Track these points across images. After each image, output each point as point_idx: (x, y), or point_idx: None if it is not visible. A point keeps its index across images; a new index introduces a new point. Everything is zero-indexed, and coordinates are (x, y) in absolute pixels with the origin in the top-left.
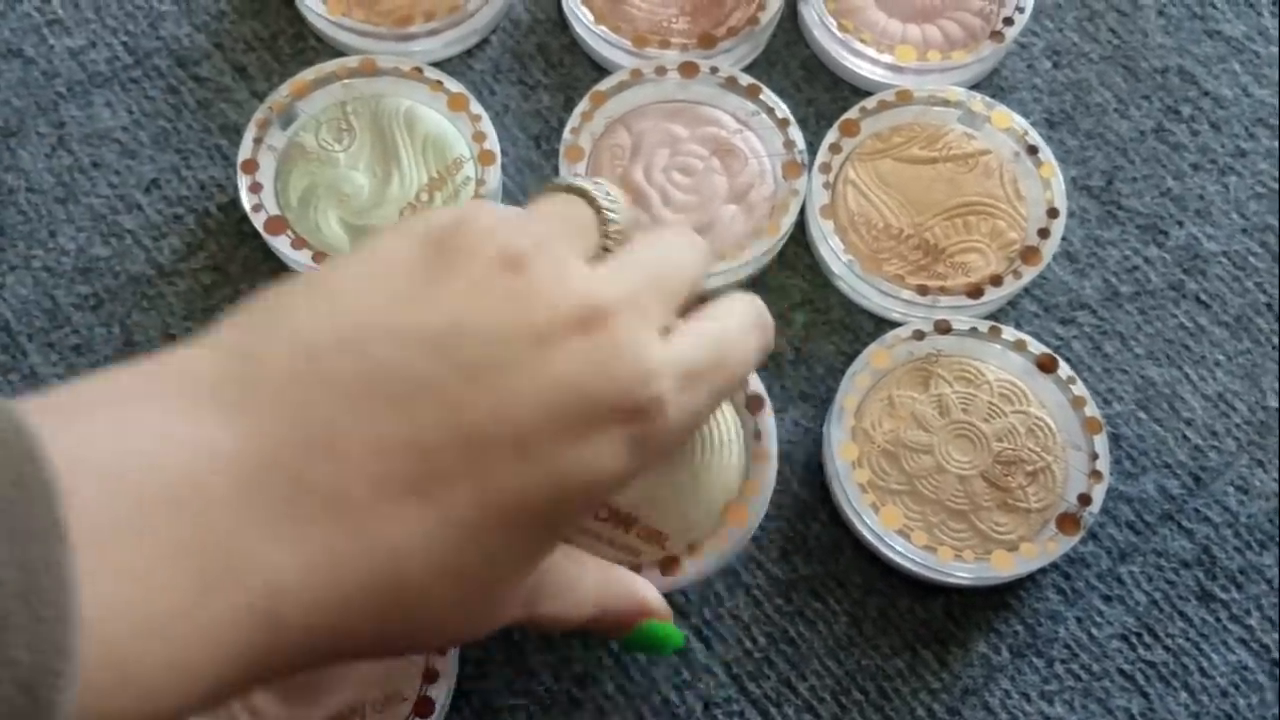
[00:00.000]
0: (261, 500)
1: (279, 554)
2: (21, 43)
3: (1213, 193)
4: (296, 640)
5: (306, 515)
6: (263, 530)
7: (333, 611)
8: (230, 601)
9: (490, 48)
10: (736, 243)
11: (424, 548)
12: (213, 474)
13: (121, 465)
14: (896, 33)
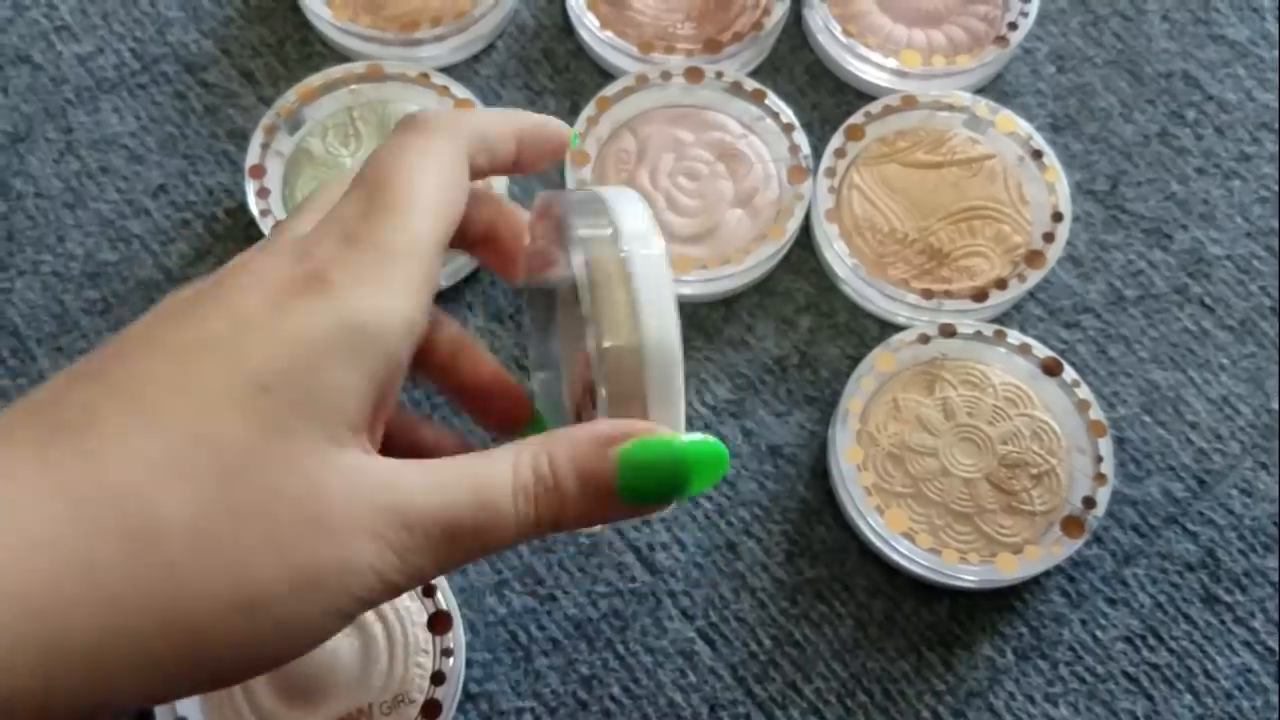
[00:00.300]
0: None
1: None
2: (30, 49)
3: (1217, 197)
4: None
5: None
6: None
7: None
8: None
9: (496, 53)
10: (742, 247)
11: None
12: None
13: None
14: (901, 38)
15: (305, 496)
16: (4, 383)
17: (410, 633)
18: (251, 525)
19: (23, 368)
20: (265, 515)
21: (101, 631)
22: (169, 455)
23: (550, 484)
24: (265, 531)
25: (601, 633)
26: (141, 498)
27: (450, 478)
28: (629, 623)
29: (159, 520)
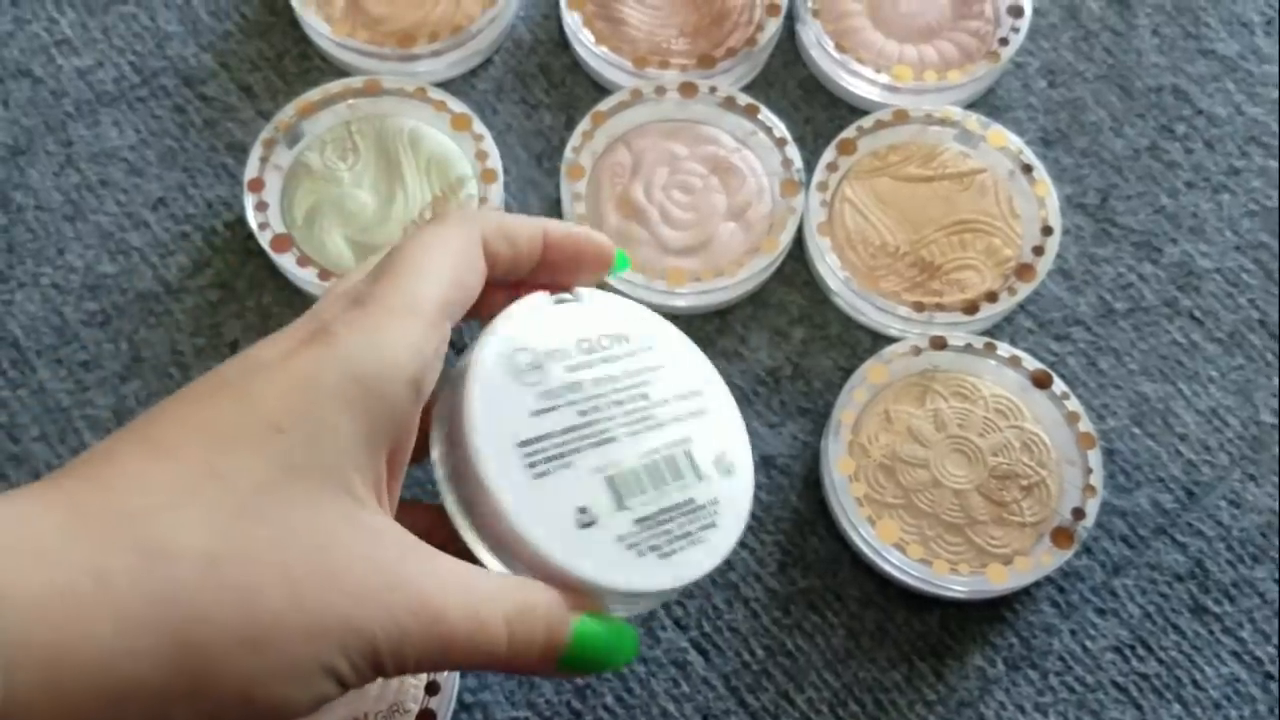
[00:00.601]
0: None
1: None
2: (30, 63)
3: (1206, 210)
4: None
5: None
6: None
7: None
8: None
9: (493, 68)
10: (735, 259)
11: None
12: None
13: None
14: (893, 53)
15: (324, 545)
16: (4, 394)
17: None
18: (265, 560)
19: (22, 379)
20: (280, 553)
21: (112, 647)
22: (183, 485)
23: (528, 633)
24: (279, 570)
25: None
26: (155, 521)
27: (469, 585)
28: None
29: (172, 542)
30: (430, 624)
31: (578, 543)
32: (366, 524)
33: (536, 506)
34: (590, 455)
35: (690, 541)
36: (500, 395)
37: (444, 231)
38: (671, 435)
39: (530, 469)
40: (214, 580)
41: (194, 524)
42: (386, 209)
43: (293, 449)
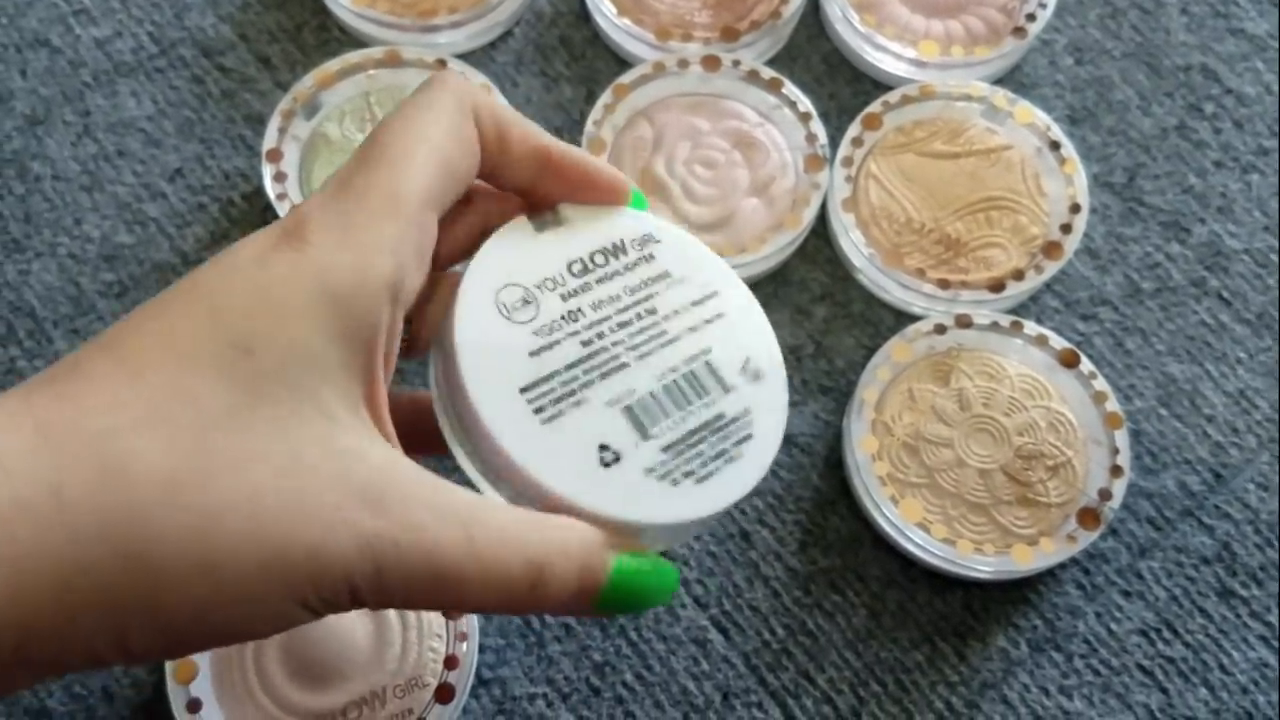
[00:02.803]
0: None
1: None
2: (48, 32)
3: (1235, 190)
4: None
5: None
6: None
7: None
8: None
9: (513, 40)
10: (758, 235)
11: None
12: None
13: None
14: (920, 28)
15: (287, 469)
16: (21, 364)
17: (424, 617)
18: (226, 485)
19: (39, 349)
20: (241, 478)
21: (66, 561)
22: (149, 405)
23: (562, 575)
24: (239, 495)
25: (614, 619)
26: (117, 440)
27: (475, 518)
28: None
29: (132, 463)
30: (422, 555)
31: (605, 484)
32: (342, 446)
33: (553, 454)
34: (601, 388)
35: (726, 460)
36: (492, 342)
37: (431, 107)
38: (688, 349)
39: (538, 415)
40: (172, 502)
41: (157, 445)
42: None
43: (262, 372)
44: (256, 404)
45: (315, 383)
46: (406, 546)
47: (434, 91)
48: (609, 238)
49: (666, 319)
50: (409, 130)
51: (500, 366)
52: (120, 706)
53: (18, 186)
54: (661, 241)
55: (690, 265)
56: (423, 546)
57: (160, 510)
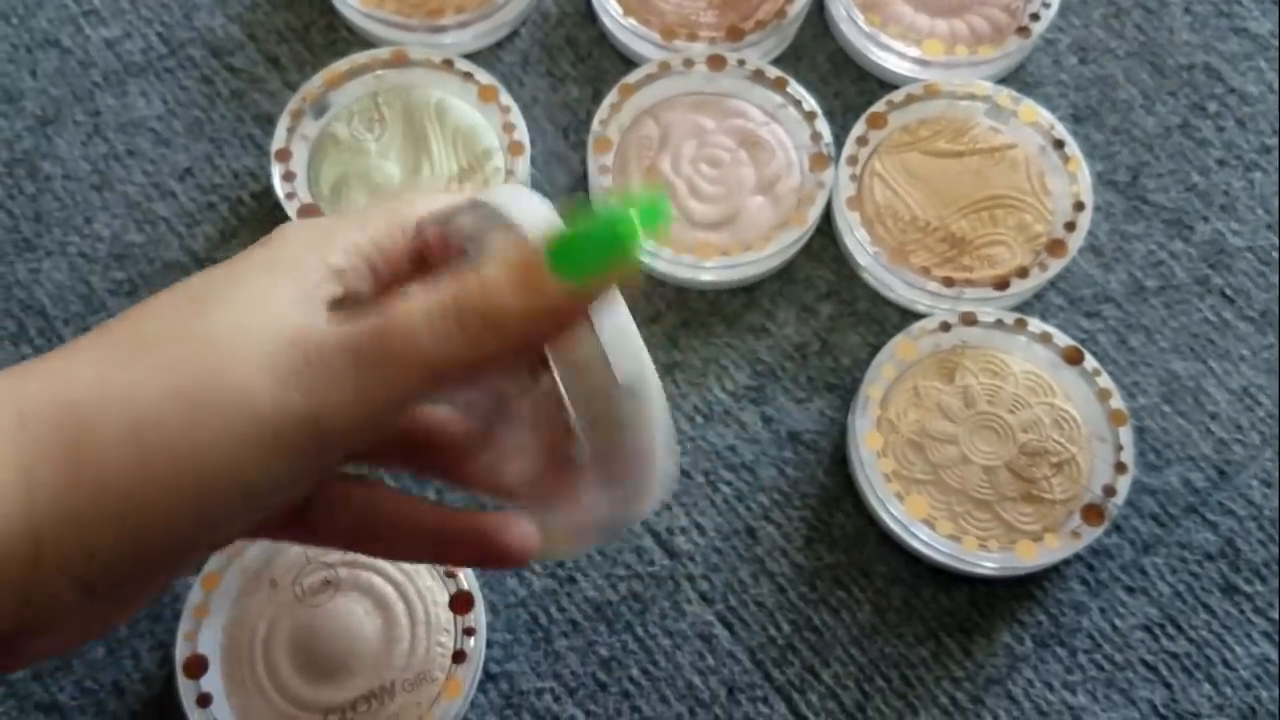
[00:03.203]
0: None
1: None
2: (59, 33)
3: (1238, 188)
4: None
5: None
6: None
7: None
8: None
9: (520, 40)
10: (763, 234)
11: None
12: None
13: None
14: (924, 27)
15: (208, 324)
16: None
17: (432, 612)
18: (151, 351)
19: (49, 347)
20: (168, 341)
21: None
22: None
23: (473, 281)
24: (161, 355)
25: (621, 615)
26: (70, 360)
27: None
28: (648, 606)
29: (78, 371)
30: (331, 357)
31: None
32: (255, 300)
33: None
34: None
35: None
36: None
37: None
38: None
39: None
40: (103, 375)
41: (97, 359)
42: (412, 180)
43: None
44: (235, 284)
45: (263, 302)
46: (320, 356)
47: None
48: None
49: None
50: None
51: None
52: (131, 701)
53: (29, 186)
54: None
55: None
56: (335, 345)
57: (97, 376)
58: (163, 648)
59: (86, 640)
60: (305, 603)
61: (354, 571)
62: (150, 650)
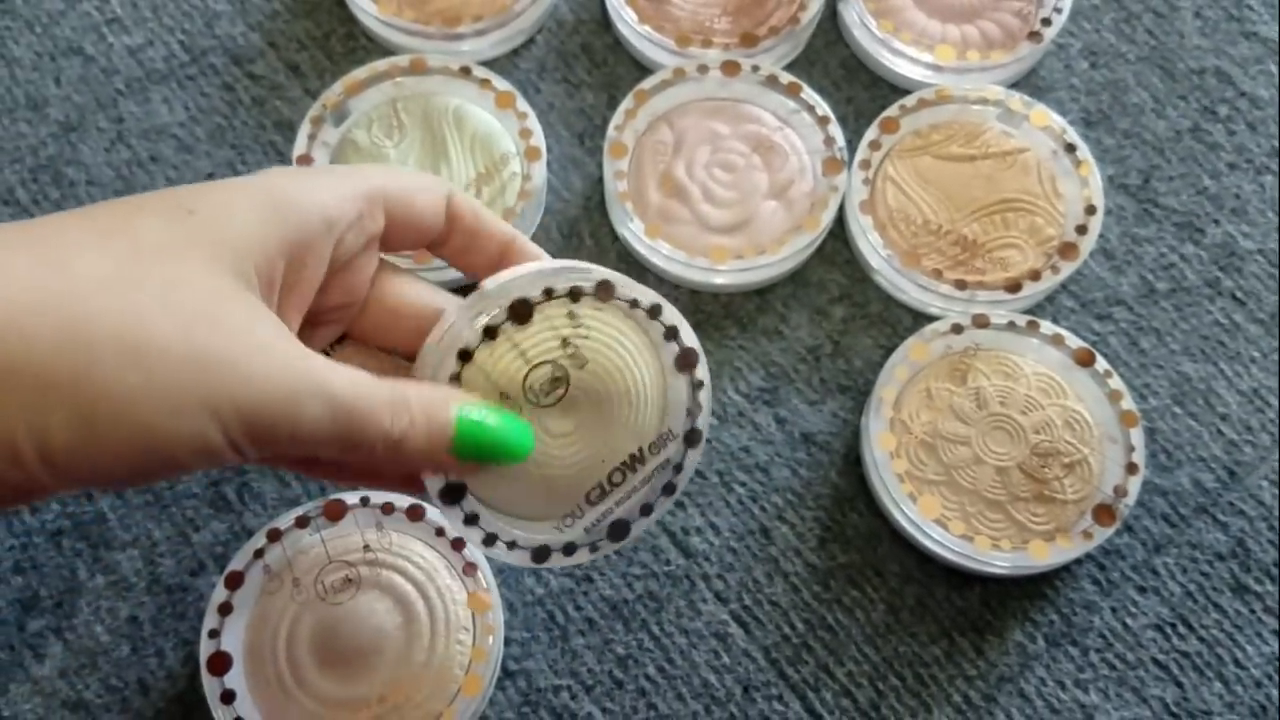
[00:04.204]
0: None
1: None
2: (82, 41)
3: (1249, 192)
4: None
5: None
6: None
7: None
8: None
9: (536, 47)
10: (777, 237)
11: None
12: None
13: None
14: (936, 32)
15: (213, 300)
16: None
17: (451, 611)
18: (155, 296)
19: None
20: (171, 294)
21: (2, 325)
22: (94, 232)
23: (407, 409)
24: (170, 308)
25: (637, 614)
26: (61, 239)
27: (349, 374)
28: (664, 604)
29: (73, 261)
30: (313, 393)
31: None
32: (252, 302)
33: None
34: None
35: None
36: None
37: (421, 176)
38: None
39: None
40: (107, 295)
41: (95, 251)
42: None
43: (199, 226)
44: (189, 248)
45: (239, 246)
46: (299, 388)
47: (426, 175)
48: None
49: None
50: (395, 169)
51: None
52: (155, 698)
53: (53, 192)
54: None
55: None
56: (316, 387)
57: (98, 297)
58: (187, 645)
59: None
60: (327, 600)
61: (375, 570)
62: (174, 648)
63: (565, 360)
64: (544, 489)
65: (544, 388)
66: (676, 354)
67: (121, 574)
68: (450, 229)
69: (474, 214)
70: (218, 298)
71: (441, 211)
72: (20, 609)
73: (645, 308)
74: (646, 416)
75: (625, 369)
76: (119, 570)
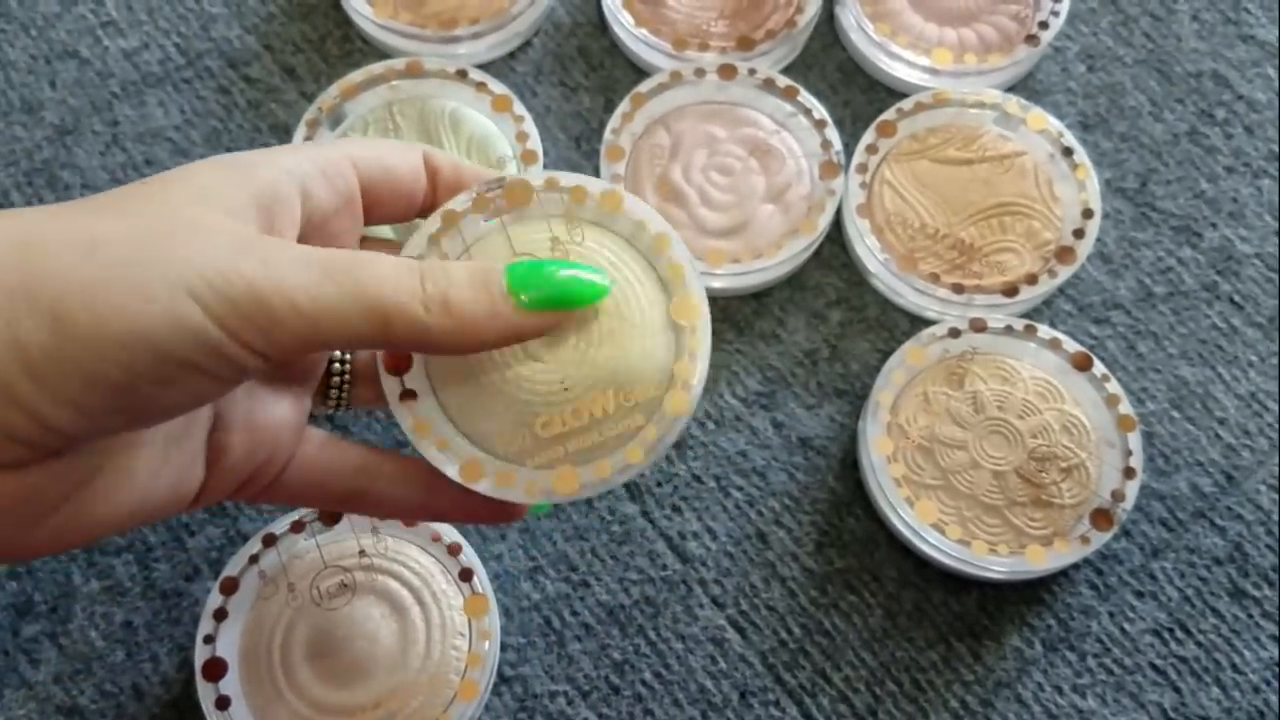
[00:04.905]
0: None
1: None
2: (77, 44)
3: (1246, 195)
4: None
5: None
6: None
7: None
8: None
9: (532, 50)
10: (774, 241)
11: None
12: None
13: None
14: (933, 36)
15: (193, 215)
16: None
17: (447, 616)
18: (114, 206)
19: None
20: (130, 205)
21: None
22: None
23: (445, 267)
24: (125, 209)
25: (633, 619)
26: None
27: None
28: (660, 610)
29: (23, 213)
30: (307, 264)
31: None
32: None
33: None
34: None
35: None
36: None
37: (399, 140)
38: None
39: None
40: (56, 220)
41: (50, 212)
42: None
43: (164, 183)
44: (156, 191)
45: (212, 196)
46: (312, 273)
47: (403, 142)
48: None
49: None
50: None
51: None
52: (150, 704)
53: (48, 195)
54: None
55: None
56: (335, 269)
57: (48, 222)
58: (182, 651)
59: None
60: (322, 606)
61: (370, 575)
62: (169, 654)
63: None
64: (501, 408)
65: None
66: (678, 300)
67: (116, 579)
68: (434, 188)
69: (454, 167)
70: (176, 205)
71: (419, 168)
72: (15, 614)
73: (652, 236)
74: (631, 359)
75: (618, 296)
76: (114, 575)
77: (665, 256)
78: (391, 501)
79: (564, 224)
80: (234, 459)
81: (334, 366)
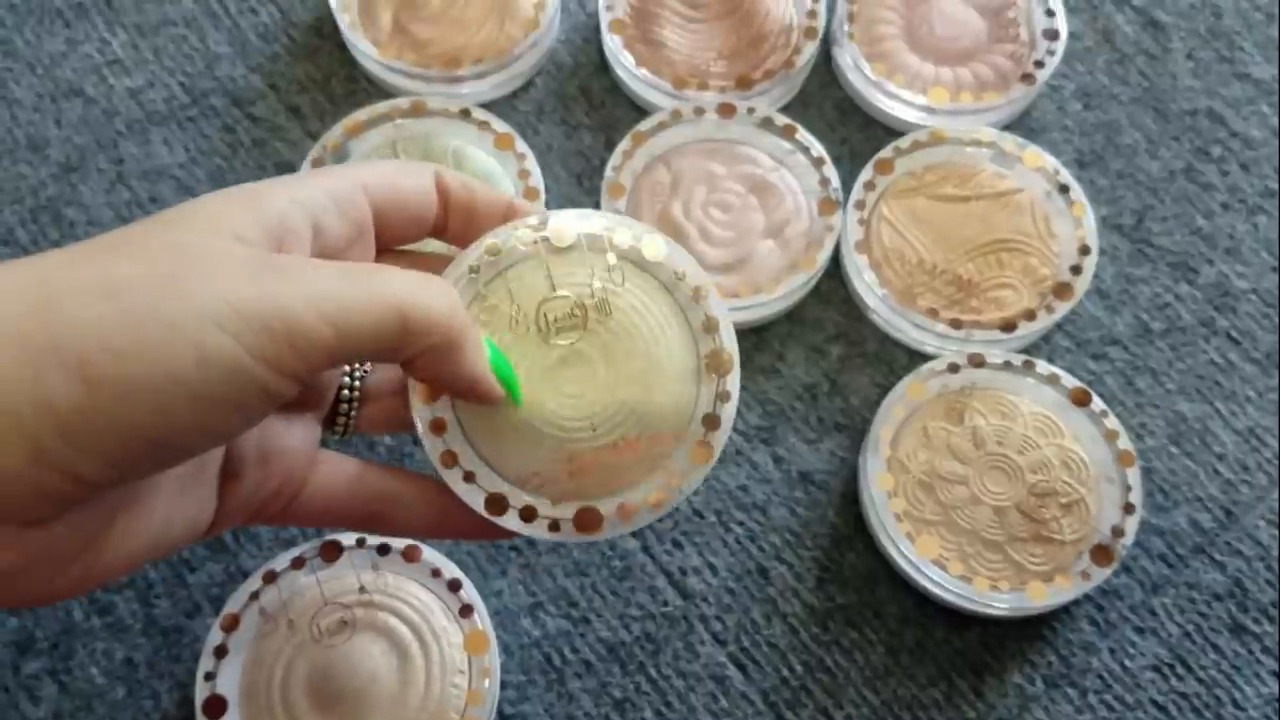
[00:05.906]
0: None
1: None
2: (83, 82)
3: (1242, 231)
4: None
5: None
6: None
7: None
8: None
9: (535, 90)
10: (773, 277)
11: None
12: None
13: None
14: (930, 75)
15: (187, 254)
16: None
17: (447, 653)
18: (117, 250)
19: None
20: (148, 246)
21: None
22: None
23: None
24: (145, 259)
25: (634, 656)
26: (34, 261)
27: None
28: (661, 646)
29: (36, 261)
30: (367, 297)
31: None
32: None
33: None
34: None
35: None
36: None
37: (408, 163)
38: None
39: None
40: (71, 266)
41: (66, 254)
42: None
43: (169, 220)
44: (162, 230)
45: (224, 229)
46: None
47: (413, 163)
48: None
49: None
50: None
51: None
52: None
53: (53, 233)
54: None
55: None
56: (370, 293)
57: (62, 269)
58: (182, 688)
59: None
60: (322, 643)
61: (370, 612)
62: (169, 691)
63: (588, 302)
64: (529, 444)
65: (558, 321)
66: (710, 352)
67: (117, 616)
68: (445, 209)
69: (464, 186)
70: (190, 238)
71: (430, 189)
72: (16, 651)
73: (690, 288)
74: (658, 404)
75: (651, 341)
76: (115, 612)
77: (702, 307)
78: (407, 523)
79: (606, 266)
80: (247, 489)
81: (343, 393)
